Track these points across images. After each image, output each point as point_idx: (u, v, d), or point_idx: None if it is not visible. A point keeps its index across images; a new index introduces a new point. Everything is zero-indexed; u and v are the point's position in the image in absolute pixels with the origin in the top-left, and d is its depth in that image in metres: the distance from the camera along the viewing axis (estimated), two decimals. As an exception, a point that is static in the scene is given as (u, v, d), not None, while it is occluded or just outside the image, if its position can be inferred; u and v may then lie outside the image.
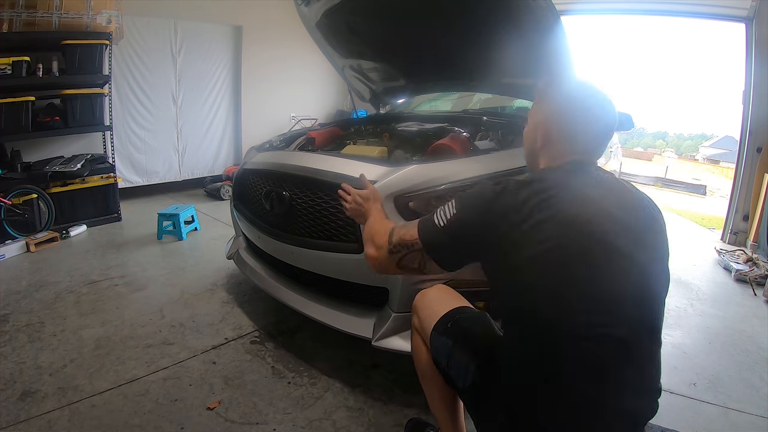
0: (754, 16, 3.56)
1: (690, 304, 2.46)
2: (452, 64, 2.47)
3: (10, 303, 2.20)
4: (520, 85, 2.39)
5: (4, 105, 3.15)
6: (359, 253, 1.50)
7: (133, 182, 4.45)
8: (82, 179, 3.55)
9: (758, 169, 3.64)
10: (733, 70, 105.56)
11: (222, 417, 1.44)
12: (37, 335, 1.90)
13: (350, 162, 1.60)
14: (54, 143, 3.76)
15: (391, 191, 1.45)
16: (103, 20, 3.60)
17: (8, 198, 3.07)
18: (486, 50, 2.19)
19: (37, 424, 1.38)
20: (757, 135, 3.65)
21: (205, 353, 1.80)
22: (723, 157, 37.77)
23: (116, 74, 3.94)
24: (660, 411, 1.54)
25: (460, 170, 1.50)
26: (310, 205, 1.64)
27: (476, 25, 2.05)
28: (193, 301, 2.25)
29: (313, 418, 1.44)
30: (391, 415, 1.47)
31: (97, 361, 1.73)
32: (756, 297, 2.60)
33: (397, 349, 1.48)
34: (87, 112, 3.55)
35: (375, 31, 2.45)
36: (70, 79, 3.47)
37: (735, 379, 1.76)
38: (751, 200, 3.69)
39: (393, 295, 1.49)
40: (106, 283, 2.48)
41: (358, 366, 1.72)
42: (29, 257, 2.88)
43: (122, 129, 4.23)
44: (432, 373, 1.11)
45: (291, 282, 1.87)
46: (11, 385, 1.57)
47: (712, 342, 2.05)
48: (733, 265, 2.96)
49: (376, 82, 2.93)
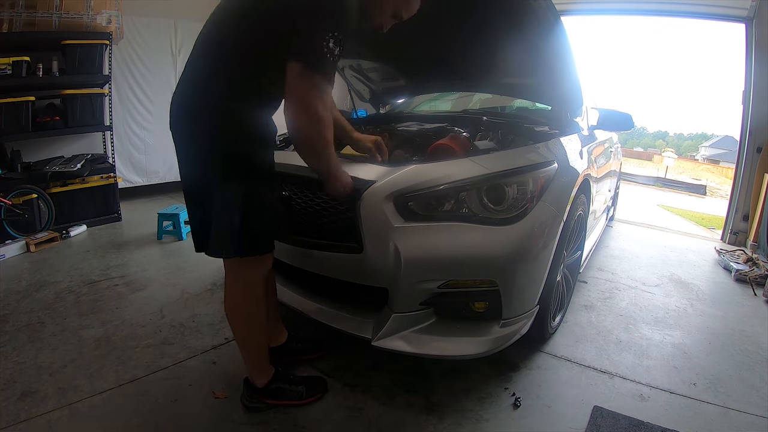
0: (754, 16, 3.56)
1: (690, 304, 2.46)
2: (452, 64, 2.47)
3: (10, 303, 2.20)
4: (520, 85, 2.39)
5: (4, 105, 3.15)
6: (359, 253, 1.50)
7: (133, 182, 4.44)
8: (82, 179, 3.55)
9: (758, 169, 3.64)
10: (733, 70, 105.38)
11: (222, 417, 1.44)
12: (37, 335, 1.90)
13: (350, 162, 1.60)
14: (54, 143, 3.76)
15: (391, 191, 1.45)
16: (103, 20, 3.60)
17: (8, 198, 3.08)
18: (486, 50, 2.19)
19: (37, 424, 1.38)
20: (757, 135, 3.65)
21: (205, 353, 1.80)
22: (723, 157, 37.80)
23: (116, 74, 3.94)
24: (660, 411, 1.55)
25: (460, 170, 1.50)
26: (310, 205, 1.64)
27: (476, 25, 2.05)
28: (193, 301, 2.25)
29: (313, 418, 1.44)
30: (391, 415, 1.47)
31: (97, 361, 1.73)
32: (756, 297, 2.60)
33: (397, 349, 1.48)
34: (87, 112, 3.55)
35: (375, 32, 2.45)
36: (70, 79, 3.48)
37: (735, 379, 1.76)
38: (751, 200, 3.69)
39: (393, 295, 1.49)
40: (106, 283, 2.48)
41: (358, 366, 1.72)
42: (29, 257, 2.88)
43: (122, 129, 4.23)
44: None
45: (291, 282, 1.87)
46: (11, 385, 1.57)
47: (712, 342, 2.05)
48: (733, 265, 2.96)
49: (376, 82, 2.93)
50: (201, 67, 1.23)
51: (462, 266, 1.45)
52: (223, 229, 1.23)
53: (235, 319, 1.40)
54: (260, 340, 1.44)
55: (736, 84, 4.60)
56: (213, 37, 1.24)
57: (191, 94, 1.23)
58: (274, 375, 1.48)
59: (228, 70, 1.19)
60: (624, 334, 2.06)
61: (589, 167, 2.06)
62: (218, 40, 1.23)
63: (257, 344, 1.44)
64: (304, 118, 1.13)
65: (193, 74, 1.24)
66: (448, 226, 1.46)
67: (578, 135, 2.13)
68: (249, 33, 1.17)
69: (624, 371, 1.77)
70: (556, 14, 1.75)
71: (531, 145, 1.77)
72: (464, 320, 1.55)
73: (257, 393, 1.46)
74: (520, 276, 1.50)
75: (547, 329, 1.85)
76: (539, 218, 1.52)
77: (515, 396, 1.57)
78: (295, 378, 1.53)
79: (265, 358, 1.47)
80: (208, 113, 1.19)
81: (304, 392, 1.50)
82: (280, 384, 1.48)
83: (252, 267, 1.33)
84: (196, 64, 1.24)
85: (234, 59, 1.19)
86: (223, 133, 1.20)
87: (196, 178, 1.26)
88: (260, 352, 1.45)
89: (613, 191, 3.56)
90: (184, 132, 1.26)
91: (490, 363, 1.73)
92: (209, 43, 1.24)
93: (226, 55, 1.20)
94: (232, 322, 1.42)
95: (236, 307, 1.38)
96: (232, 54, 1.19)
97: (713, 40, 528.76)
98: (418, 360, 1.63)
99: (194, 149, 1.25)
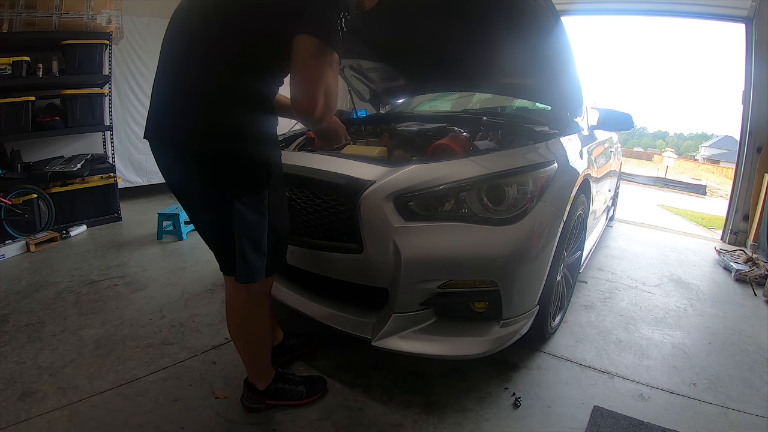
0: (754, 16, 3.56)
1: (690, 304, 2.46)
2: (452, 64, 2.47)
3: (10, 303, 2.20)
4: (520, 85, 2.39)
5: (4, 105, 3.15)
6: (359, 253, 1.50)
7: (133, 182, 4.45)
8: (82, 179, 3.55)
9: (758, 169, 3.63)
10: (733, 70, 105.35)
11: (222, 417, 1.44)
12: (37, 335, 1.90)
13: (350, 162, 1.60)
14: (54, 143, 3.76)
15: (391, 191, 1.45)
16: (103, 20, 3.60)
17: (8, 198, 3.08)
18: (486, 50, 2.19)
19: (37, 424, 1.38)
20: (757, 135, 3.65)
21: (205, 353, 1.80)
22: (723, 157, 37.81)
23: (116, 74, 3.94)
24: (660, 411, 1.55)
25: (460, 170, 1.50)
26: (310, 205, 1.64)
27: (476, 24, 2.05)
28: (193, 301, 2.25)
29: (313, 418, 1.44)
30: (391, 415, 1.47)
31: (97, 361, 1.73)
32: (756, 297, 2.60)
33: (397, 349, 1.48)
34: (87, 112, 3.55)
35: (375, 31, 2.45)
36: (70, 79, 3.48)
37: (735, 379, 1.76)
38: (751, 200, 3.69)
39: (393, 295, 1.49)
40: (106, 283, 2.48)
41: (358, 366, 1.72)
42: (29, 257, 2.88)
43: (122, 129, 4.23)
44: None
45: (291, 282, 1.87)
46: (11, 385, 1.57)
47: (712, 342, 2.05)
48: (733, 265, 2.96)
49: (376, 82, 2.93)
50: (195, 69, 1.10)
51: (462, 266, 1.45)
52: (231, 253, 1.20)
53: (240, 336, 1.37)
54: (264, 353, 1.43)
55: (736, 84, 4.60)
56: (194, 40, 1.12)
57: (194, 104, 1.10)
58: (274, 376, 1.48)
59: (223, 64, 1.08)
60: (624, 334, 2.06)
61: (589, 167, 2.06)
62: (199, 44, 1.10)
63: (261, 356, 1.43)
64: (322, 97, 1.01)
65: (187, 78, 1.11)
66: (448, 226, 1.46)
67: (578, 135, 2.13)
68: (249, 19, 1.06)
69: (624, 371, 1.77)
70: (556, 14, 1.75)
71: (531, 145, 1.77)
72: (464, 320, 1.55)
73: (258, 394, 1.45)
74: (520, 276, 1.50)
75: (547, 329, 1.85)
76: (539, 218, 1.52)
77: (515, 396, 1.57)
78: (294, 378, 1.53)
79: (267, 365, 1.46)
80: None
81: (303, 392, 1.50)
82: (280, 384, 1.48)
83: (260, 285, 1.29)
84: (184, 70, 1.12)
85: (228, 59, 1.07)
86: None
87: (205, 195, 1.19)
88: (263, 360, 1.44)
89: (613, 191, 3.56)
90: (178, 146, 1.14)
91: (490, 363, 1.73)
92: (189, 47, 1.12)
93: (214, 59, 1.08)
94: (236, 339, 1.39)
95: (242, 325, 1.35)
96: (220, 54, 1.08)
97: (713, 40, 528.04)
98: (418, 360, 1.63)
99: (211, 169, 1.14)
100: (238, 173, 1.13)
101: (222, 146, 1.10)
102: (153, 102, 1.17)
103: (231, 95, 1.09)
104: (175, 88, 1.13)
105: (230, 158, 1.11)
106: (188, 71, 1.10)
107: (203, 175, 1.14)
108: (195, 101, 1.09)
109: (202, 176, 1.14)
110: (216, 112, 1.08)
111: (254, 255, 1.19)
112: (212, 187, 1.15)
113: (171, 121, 1.12)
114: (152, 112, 1.17)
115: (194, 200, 1.25)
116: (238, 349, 1.42)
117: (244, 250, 1.17)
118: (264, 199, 1.17)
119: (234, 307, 1.33)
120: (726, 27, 6.26)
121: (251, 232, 1.17)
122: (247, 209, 1.14)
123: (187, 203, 1.29)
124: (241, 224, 1.15)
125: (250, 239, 1.17)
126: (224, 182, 1.13)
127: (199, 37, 1.10)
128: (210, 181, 1.15)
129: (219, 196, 1.15)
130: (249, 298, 1.29)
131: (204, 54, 1.09)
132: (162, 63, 1.16)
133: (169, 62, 1.15)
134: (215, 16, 1.09)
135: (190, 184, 1.20)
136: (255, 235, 1.18)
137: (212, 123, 1.08)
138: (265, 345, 1.42)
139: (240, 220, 1.14)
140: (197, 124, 1.09)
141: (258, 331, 1.36)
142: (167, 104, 1.14)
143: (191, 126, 1.09)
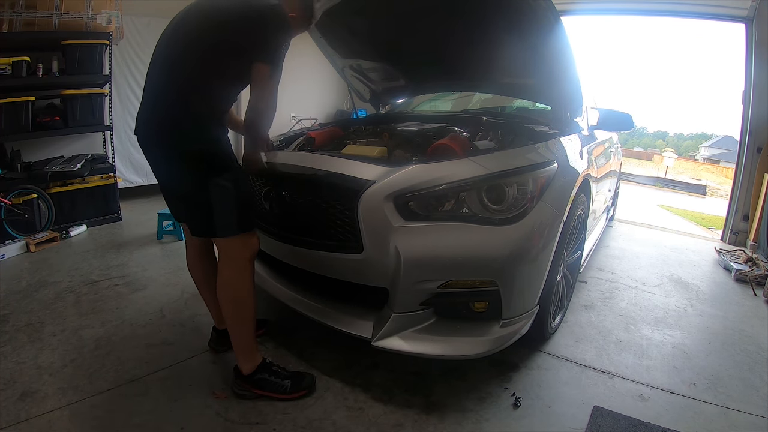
0: (754, 16, 3.56)
1: (690, 304, 2.46)
2: (452, 64, 2.47)
3: (10, 303, 2.20)
4: (520, 85, 2.39)
5: (4, 105, 3.15)
6: (359, 253, 1.50)
7: (133, 182, 4.44)
8: (82, 179, 3.55)
9: (758, 169, 3.64)
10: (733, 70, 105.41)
11: (222, 417, 1.44)
12: (37, 335, 1.91)
13: (350, 162, 1.60)
14: (54, 143, 3.75)
15: (391, 191, 1.45)
16: (103, 20, 3.60)
17: (8, 198, 3.07)
18: (486, 50, 2.19)
19: (37, 424, 1.38)
20: (757, 135, 3.65)
21: (205, 353, 1.80)
22: (723, 157, 37.78)
23: (116, 74, 3.93)
24: (660, 411, 1.55)
25: (460, 170, 1.50)
26: (310, 205, 1.64)
27: (476, 25, 2.05)
28: (193, 301, 2.25)
29: (313, 418, 1.45)
30: (391, 415, 1.47)
31: (97, 361, 1.73)
32: (756, 297, 2.60)
33: (397, 349, 1.48)
34: (87, 112, 3.55)
35: (375, 31, 2.45)
36: (70, 79, 3.47)
37: (735, 379, 1.76)
38: (751, 200, 3.69)
39: (393, 295, 1.49)
40: (106, 283, 2.48)
41: (358, 366, 1.72)
42: (29, 257, 2.88)
43: (122, 129, 4.22)
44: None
45: (291, 282, 1.87)
46: (11, 385, 1.57)
47: (712, 342, 2.05)
48: (733, 265, 2.96)
49: (376, 82, 2.93)
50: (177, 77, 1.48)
51: (462, 266, 1.45)
52: (207, 214, 1.42)
53: (225, 297, 1.48)
54: (248, 322, 1.51)
55: (736, 84, 4.59)
56: (178, 52, 1.49)
57: (169, 105, 1.48)
58: (260, 365, 1.52)
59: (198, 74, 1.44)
60: (624, 334, 2.07)
61: (589, 167, 2.06)
62: (182, 55, 1.47)
63: (245, 326, 1.50)
64: (270, 104, 1.44)
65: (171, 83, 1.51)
66: (448, 226, 1.46)
67: (578, 135, 2.13)
68: (219, 43, 1.40)
69: (624, 371, 1.77)
70: (556, 14, 1.75)
71: (531, 145, 1.77)
72: (464, 320, 1.56)
73: (243, 380, 1.51)
74: (520, 276, 1.50)
75: (547, 329, 1.85)
76: (539, 218, 1.52)
77: (515, 396, 1.57)
78: (282, 371, 1.55)
79: (251, 343, 1.53)
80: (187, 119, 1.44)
81: (288, 387, 1.52)
82: (265, 375, 1.51)
83: (240, 248, 1.45)
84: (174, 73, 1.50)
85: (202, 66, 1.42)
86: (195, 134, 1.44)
87: (180, 180, 1.47)
88: (247, 336, 1.51)
89: (613, 191, 3.56)
90: (161, 142, 1.48)
91: (490, 363, 1.73)
92: (178, 55, 1.49)
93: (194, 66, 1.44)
94: (222, 301, 1.50)
95: (225, 286, 1.47)
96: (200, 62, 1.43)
97: (713, 40, 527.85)
98: (417, 360, 1.63)
99: (177, 155, 1.45)
100: (214, 159, 1.45)
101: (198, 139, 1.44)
102: (140, 104, 1.58)
103: (203, 107, 1.45)
104: (160, 93, 1.55)
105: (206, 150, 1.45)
106: (165, 92, 1.53)
107: (184, 162, 1.44)
108: (175, 107, 1.48)
109: (183, 163, 1.44)
110: (194, 117, 1.45)
111: (231, 212, 1.43)
112: (194, 170, 1.43)
113: (154, 118, 1.54)
114: (140, 111, 1.57)
115: (175, 185, 1.53)
116: (225, 316, 1.53)
117: (223, 209, 1.42)
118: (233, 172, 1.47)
119: (220, 271, 1.50)
120: (726, 27, 6.27)
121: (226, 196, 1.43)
122: (223, 180, 1.43)
123: (169, 189, 1.59)
124: (218, 192, 1.42)
125: (225, 201, 1.43)
126: (204, 166, 1.42)
127: (176, 64, 1.48)
128: (193, 167, 1.43)
129: (199, 176, 1.42)
130: (230, 259, 1.47)
131: (179, 74, 1.47)
132: (148, 78, 1.59)
133: (151, 82, 1.58)
134: (189, 47, 1.45)
135: (173, 173, 1.50)
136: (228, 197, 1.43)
137: (193, 124, 1.45)
138: (249, 314, 1.50)
139: (217, 189, 1.42)
140: (180, 121, 1.46)
141: (240, 294, 1.47)
142: (151, 112, 1.56)
143: (175, 121, 1.46)
